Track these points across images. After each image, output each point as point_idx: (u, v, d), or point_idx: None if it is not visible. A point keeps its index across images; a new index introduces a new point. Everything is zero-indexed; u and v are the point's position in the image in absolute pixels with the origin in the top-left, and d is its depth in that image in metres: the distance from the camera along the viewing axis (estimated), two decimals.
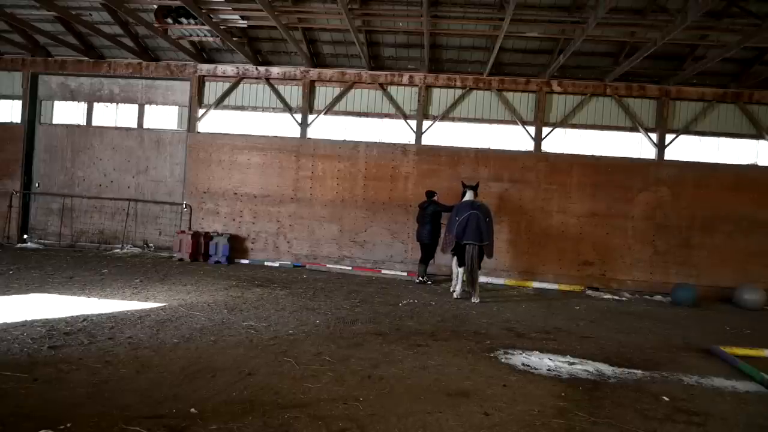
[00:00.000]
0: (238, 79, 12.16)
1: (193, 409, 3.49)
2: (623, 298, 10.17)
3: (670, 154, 11.39)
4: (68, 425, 3.18)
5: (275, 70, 12.03)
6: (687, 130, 11.43)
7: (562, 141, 11.66)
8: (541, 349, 5.77)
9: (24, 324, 5.36)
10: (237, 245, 11.78)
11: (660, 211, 11.25)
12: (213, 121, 12.30)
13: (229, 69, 12.10)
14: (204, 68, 12.14)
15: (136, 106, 12.60)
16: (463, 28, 10.16)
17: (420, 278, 10.23)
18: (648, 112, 11.55)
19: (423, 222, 10.03)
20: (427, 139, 11.76)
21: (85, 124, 12.68)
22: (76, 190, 12.54)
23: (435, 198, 10.17)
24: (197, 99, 12.19)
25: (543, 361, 5.28)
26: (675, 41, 9.25)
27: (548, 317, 7.74)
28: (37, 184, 12.73)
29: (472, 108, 11.83)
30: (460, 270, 8.82)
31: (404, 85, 11.84)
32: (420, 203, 10.32)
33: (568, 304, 9.02)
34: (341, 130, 12.05)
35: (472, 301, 8.50)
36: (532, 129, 11.62)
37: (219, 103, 12.23)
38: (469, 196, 9.22)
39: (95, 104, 12.71)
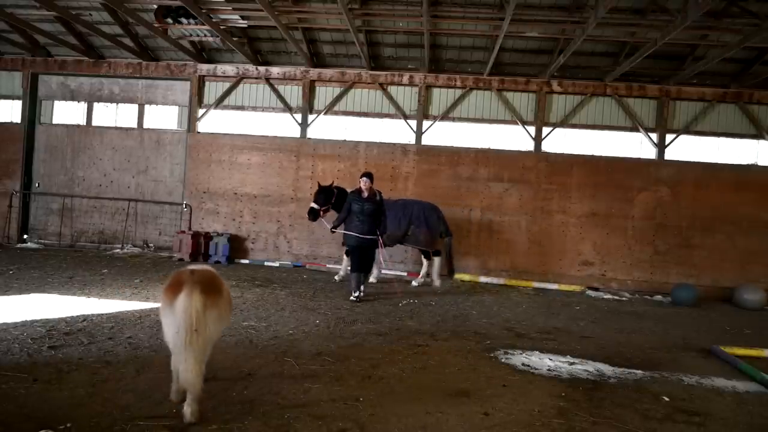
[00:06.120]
0: (238, 79, 12.15)
1: None
2: (623, 298, 10.17)
3: (670, 154, 11.38)
4: (68, 425, 3.19)
5: (275, 70, 12.02)
6: (687, 130, 11.42)
7: (562, 141, 11.65)
8: (541, 349, 5.77)
9: (24, 324, 5.36)
10: (237, 245, 11.77)
11: (660, 211, 11.24)
12: (213, 121, 12.30)
13: (229, 69, 12.09)
14: (204, 68, 12.13)
15: (136, 106, 12.59)
16: (463, 28, 10.16)
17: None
18: (648, 112, 11.54)
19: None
20: (427, 139, 11.75)
21: (85, 124, 12.66)
22: (76, 190, 12.53)
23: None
24: (197, 99, 12.18)
25: (543, 361, 5.28)
26: (675, 41, 9.23)
27: (548, 317, 7.74)
28: (37, 184, 12.72)
29: (472, 108, 11.82)
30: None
31: (404, 85, 11.83)
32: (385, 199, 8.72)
33: (568, 304, 9.01)
34: (341, 130, 12.04)
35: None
36: (532, 129, 11.61)
37: (219, 103, 12.22)
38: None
39: (95, 104, 12.69)
